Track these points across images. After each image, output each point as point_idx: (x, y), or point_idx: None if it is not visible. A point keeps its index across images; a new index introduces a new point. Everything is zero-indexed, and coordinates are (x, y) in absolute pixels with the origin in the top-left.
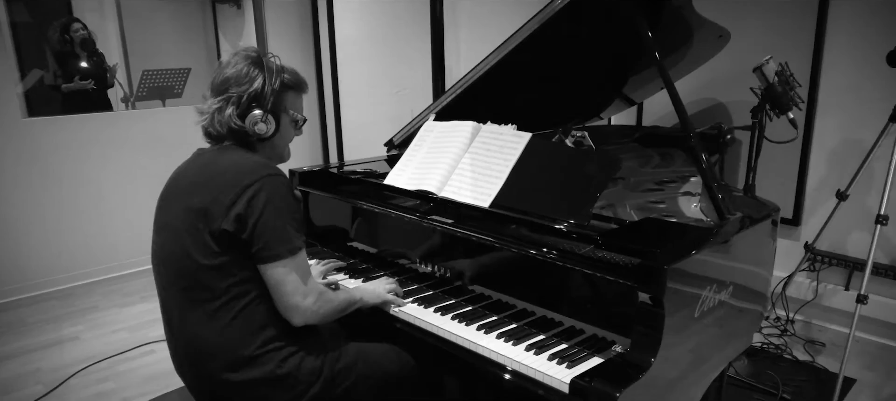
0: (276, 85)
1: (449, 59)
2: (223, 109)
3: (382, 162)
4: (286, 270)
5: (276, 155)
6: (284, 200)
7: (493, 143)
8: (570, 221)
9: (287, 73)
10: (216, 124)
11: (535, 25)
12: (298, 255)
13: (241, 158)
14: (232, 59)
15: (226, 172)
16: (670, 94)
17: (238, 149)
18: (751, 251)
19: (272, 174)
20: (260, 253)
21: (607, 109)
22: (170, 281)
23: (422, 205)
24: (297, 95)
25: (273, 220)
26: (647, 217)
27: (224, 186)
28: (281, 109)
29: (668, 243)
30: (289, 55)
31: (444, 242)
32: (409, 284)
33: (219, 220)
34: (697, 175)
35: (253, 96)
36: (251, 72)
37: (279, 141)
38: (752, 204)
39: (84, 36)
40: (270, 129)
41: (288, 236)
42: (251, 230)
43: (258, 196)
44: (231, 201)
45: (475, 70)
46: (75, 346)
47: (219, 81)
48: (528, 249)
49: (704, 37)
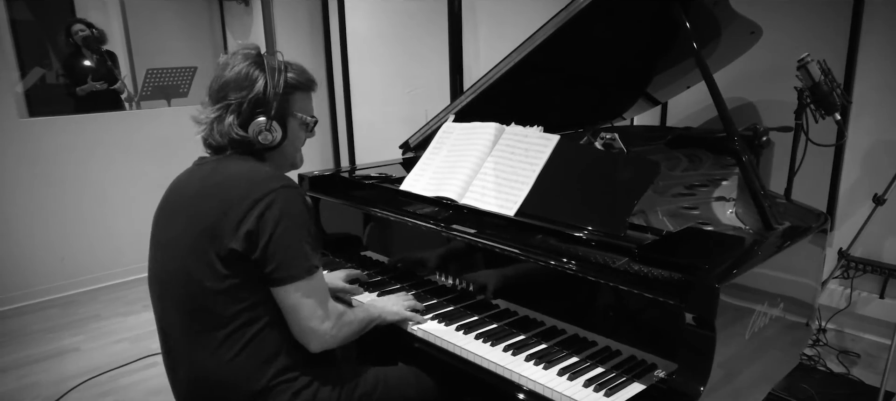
0: (279, 87)
1: (467, 58)
2: (223, 117)
3: (397, 165)
4: (303, 292)
5: (287, 162)
6: (299, 215)
7: (518, 146)
8: (603, 232)
9: (292, 72)
10: (216, 135)
11: (560, 21)
12: (315, 275)
13: (249, 169)
14: (230, 61)
15: (233, 186)
16: (711, 92)
17: (244, 158)
18: (801, 264)
19: (285, 186)
20: (273, 274)
21: (631, 110)
22: (171, 305)
23: (441, 213)
24: (305, 95)
25: (287, 237)
26: (687, 226)
27: (231, 201)
28: (288, 113)
29: (716, 257)
30: (298, 53)
31: (466, 254)
32: (428, 298)
33: (227, 239)
34: (729, 178)
35: (255, 102)
36: (251, 74)
37: (289, 147)
38: (797, 212)
39: (86, 35)
40: (277, 136)
41: (304, 255)
42: (263, 250)
43: (270, 211)
44: (240, 218)
45: (497, 68)
46: (75, 357)
47: (216, 87)
48: (557, 262)
49: (734, 33)
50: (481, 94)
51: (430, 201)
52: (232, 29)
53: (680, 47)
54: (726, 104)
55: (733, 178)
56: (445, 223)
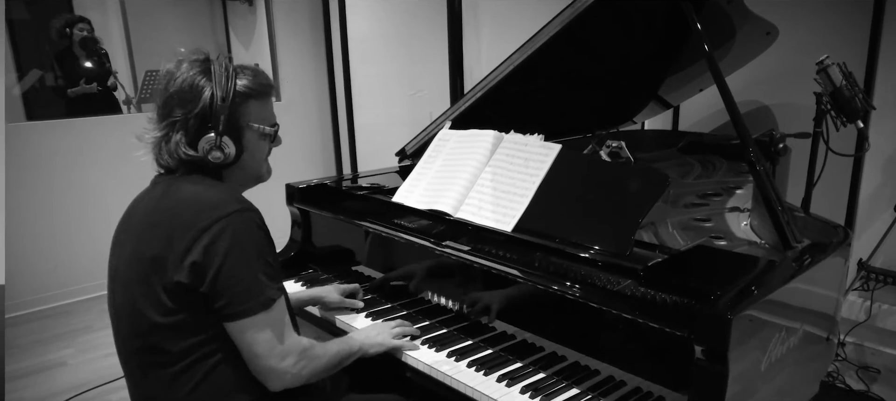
0: (228, 96)
1: (468, 60)
2: (169, 136)
3: (394, 174)
4: (257, 328)
5: (249, 178)
6: (252, 242)
7: (517, 155)
8: (607, 251)
9: (243, 78)
10: (165, 155)
11: (565, 20)
12: (272, 308)
13: (200, 192)
14: (176, 70)
15: (180, 212)
16: (723, 97)
17: (199, 177)
18: (822, 283)
19: (237, 211)
20: (224, 310)
21: (641, 114)
22: (121, 339)
23: (434, 227)
24: (261, 103)
25: (238, 269)
26: (698, 245)
27: (178, 229)
28: (242, 125)
29: (729, 282)
30: (299, 55)
31: (461, 272)
32: (421, 318)
33: (172, 271)
34: (744, 187)
35: (202, 116)
36: (196, 84)
37: (249, 162)
38: (817, 227)
39: (84, 35)
40: (231, 152)
41: (258, 287)
42: (211, 283)
43: (219, 240)
44: (186, 248)
45: (498, 71)
46: (63, 372)
47: (161, 102)
48: (556, 284)
49: (749, 33)
50: (481, 99)
51: (424, 215)
52: (235, 29)
53: (691, 49)
54: (740, 110)
55: (748, 186)
56: (438, 239)
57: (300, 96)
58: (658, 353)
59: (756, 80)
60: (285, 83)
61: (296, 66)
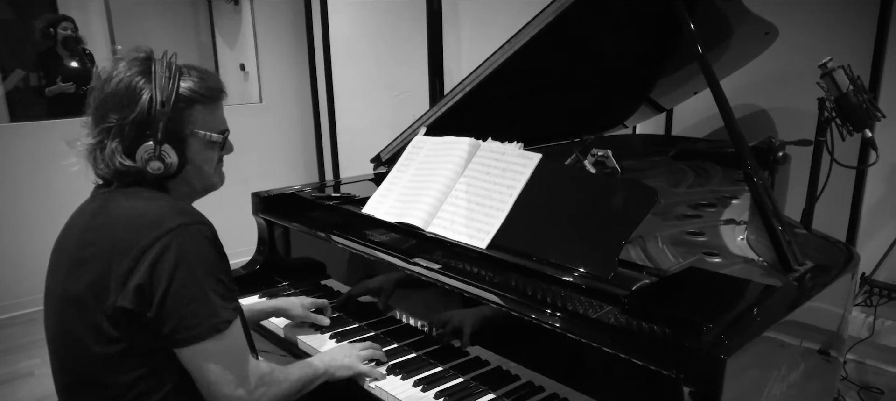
0: (169, 100)
1: (448, 61)
2: (104, 143)
3: (368, 182)
4: (209, 354)
5: (196, 189)
6: (201, 259)
7: (493, 165)
8: (587, 272)
9: (188, 81)
10: (101, 165)
11: (548, 18)
12: (227, 332)
13: (140, 207)
14: (112, 69)
15: (118, 230)
16: (718, 102)
17: (139, 190)
18: (826, 307)
19: (182, 225)
20: (173, 335)
21: (632, 117)
22: (60, 368)
23: (403, 242)
24: (208, 108)
25: (187, 290)
26: (690, 266)
27: (118, 249)
28: (185, 133)
29: (722, 313)
30: (281, 57)
31: (433, 292)
32: (389, 341)
33: (114, 295)
34: (740, 197)
35: (139, 123)
36: (134, 86)
37: (194, 174)
38: (819, 245)
39: (68, 35)
40: (173, 162)
41: (210, 309)
42: (158, 306)
43: (164, 258)
44: (128, 270)
45: (477, 72)
46: (27, 383)
47: (95, 105)
48: (531, 310)
49: (747, 33)
50: (459, 103)
51: (395, 228)
52: (220, 28)
53: (685, 50)
54: (737, 115)
55: (745, 196)
56: (408, 255)
57: (281, 98)
58: (643, 389)
59: (754, 82)
60: (266, 85)
61: (277, 67)
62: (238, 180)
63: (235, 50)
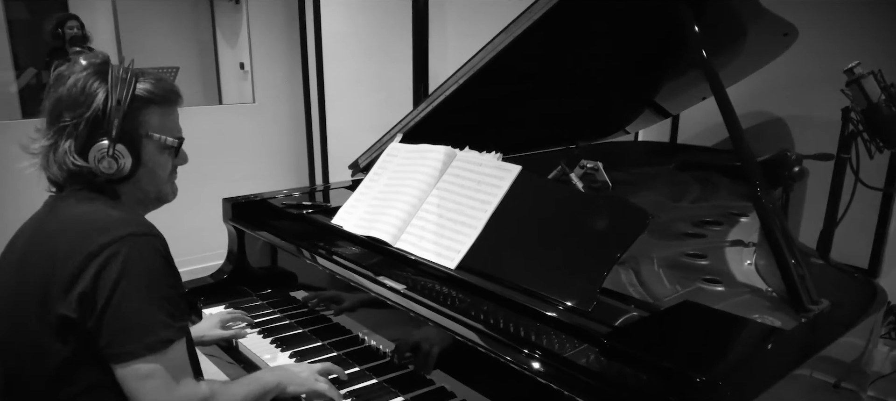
0: (125, 100)
1: (433, 61)
2: (57, 143)
3: (344, 190)
4: (145, 373)
5: (149, 198)
6: (147, 272)
7: (468, 177)
8: (564, 304)
9: (144, 82)
10: (53, 167)
11: (539, 12)
12: (166, 351)
13: (90, 212)
14: (66, 72)
15: (66, 235)
16: (723, 113)
17: (92, 196)
18: (847, 344)
19: (134, 234)
20: (107, 349)
21: (634, 123)
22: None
23: (369, 258)
24: (163, 110)
25: (127, 303)
26: (685, 301)
27: (63, 255)
28: (140, 134)
29: (719, 361)
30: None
31: (398, 314)
32: (350, 363)
33: (56, 303)
34: (749, 214)
35: (93, 121)
36: (89, 86)
37: (147, 179)
38: (839, 280)
39: (75, 34)
40: (125, 164)
41: (150, 325)
42: (97, 317)
43: (109, 267)
44: (72, 276)
45: (460, 73)
46: None
47: (50, 106)
48: (496, 344)
49: (763, 33)
50: (442, 105)
51: (364, 241)
52: (221, 27)
53: (691, 52)
54: (749, 123)
55: (754, 214)
56: (374, 272)
57: (274, 98)
58: None
59: (770, 87)
60: (260, 85)
61: (271, 67)
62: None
63: (236, 49)
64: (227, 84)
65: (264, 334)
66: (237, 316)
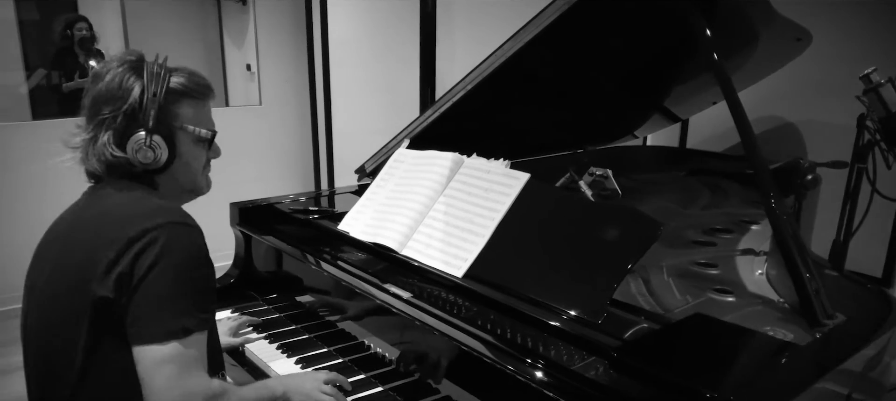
0: (160, 94)
1: (441, 64)
2: (97, 137)
3: (350, 195)
4: (160, 358)
5: (184, 189)
6: (183, 261)
7: (476, 184)
8: (572, 316)
9: (178, 77)
10: (93, 160)
11: (550, 18)
12: (186, 340)
13: (131, 201)
14: (103, 69)
15: (107, 222)
16: (735, 118)
17: (132, 185)
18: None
19: (174, 223)
20: (130, 327)
21: (643, 127)
22: (31, 364)
23: (377, 264)
24: (197, 104)
25: (157, 285)
26: (696, 313)
27: (103, 240)
28: (174, 126)
29: (731, 378)
30: (281, 58)
31: (404, 321)
32: (355, 370)
33: (95, 285)
34: (761, 222)
35: (130, 114)
36: (126, 81)
37: (182, 169)
38: (854, 292)
39: (84, 35)
40: (162, 154)
41: (173, 312)
42: (131, 293)
43: (148, 251)
44: (112, 260)
45: (469, 78)
46: (10, 380)
47: (89, 102)
48: (503, 355)
49: (776, 38)
50: (449, 111)
51: (370, 247)
52: (228, 28)
53: (701, 56)
54: (761, 129)
55: (766, 222)
56: (380, 279)
57: (280, 100)
58: None
59: (783, 93)
60: (266, 87)
61: (278, 69)
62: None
63: (242, 50)
64: (233, 86)
65: (270, 339)
66: (244, 322)
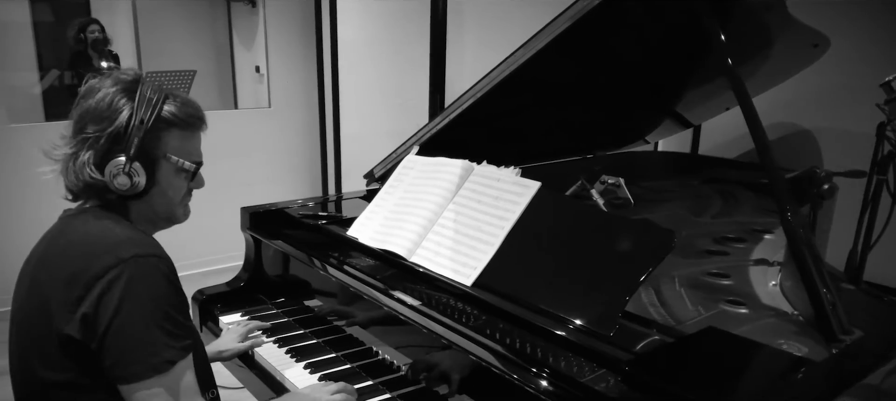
0: (148, 121)
1: (451, 69)
2: (78, 154)
3: (359, 200)
4: (148, 395)
5: (159, 218)
6: (150, 294)
7: (486, 192)
8: (583, 328)
9: (171, 105)
10: (71, 175)
11: (562, 26)
12: (169, 372)
13: (98, 232)
14: (96, 85)
15: (75, 254)
16: (750, 126)
17: (100, 215)
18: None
19: (138, 256)
20: (112, 370)
21: (654, 132)
22: (14, 388)
23: (386, 270)
24: (184, 135)
25: (130, 325)
26: (709, 327)
27: (70, 275)
28: (157, 155)
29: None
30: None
31: (412, 329)
32: (363, 377)
33: (62, 322)
34: (774, 231)
35: (114, 137)
36: (116, 102)
37: (159, 199)
38: (872, 307)
39: (96, 37)
40: (139, 182)
41: (152, 347)
42: (101, 338)
43: (112, 290)
44: (77, 298)
45: (479, 85)
46: None
47: (76, 116)
48: (511, 366)
49: (793, 44)
50: (459, 118)
51: (377, 254)
52: (237, 30)
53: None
54: (776, 135)
55: (780, 231)
56: (389, 285)
57: (290, 103)
58: None
59: (799, 99)
60: (275, 89)
61: (287, 72)
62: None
63: (252, 51)
64: (242, 88)
65: (279, 344)
66: (253, 327)
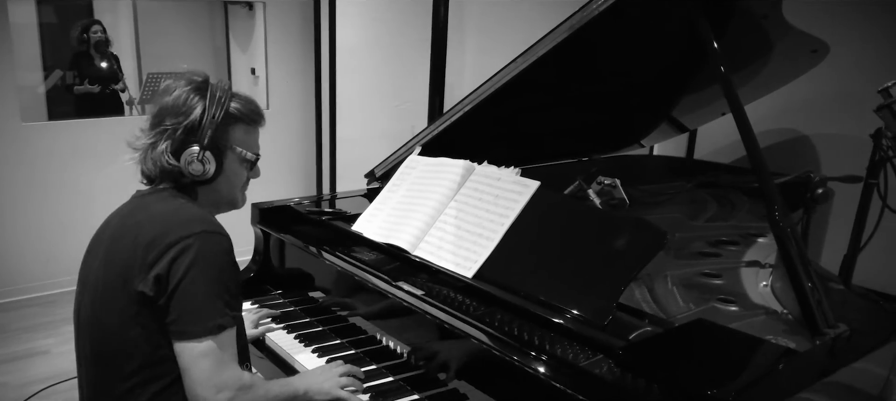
0: (218, 116)
1: (450, 75)
2: (156, 144)
3: (361, 198)
4: (198, 353)
5: (223, 201)
6: (215, 265)
7: (487, 191)
8: (579, 317)
9: (236, 102)
10: (149, 163)
11: (563, 34)
12: (220, 336)
13: (174, 208)
14: (172, 85)
15: (151, 227)
16: (741, 132)
17: (175, 195)
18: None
19: (207, 231)
20: (172, 326)
21: (650, 136)
22: (82, 352)
23: (388, 263)
24: (248, 129)
25: (194, 287)
26: (698, 319)
27: (146, 243)
28: (225, 146)
29: (731, 379)
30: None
31: (415, 317)
32: (367, 362)
33: (137, 281)
34: (767, 234)
35: (189, 129)
36: (190, 100)
37: (224, 185)
38: (860, 305)
39: (99, 38)
40: (210, 169)
41: (210, 311)
42: (168, 296)
43: (183, 256)
44: (152, 261)
45: (482, 89)
46: (44, 361)
47: (155, 112)
48: (511, 350)
49: (790, 50)
50: (460, 120)
51: (383, 248)
52: (234, 33)
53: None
54: (772, 141)
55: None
56: (392, 277)
57: (287, 105)
58: None
59: (796, 105)
60: (273, 91)
61: (285, 74)
62: None
63: (248, 54)
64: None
65: (288, 330)
66: (264, 314)
